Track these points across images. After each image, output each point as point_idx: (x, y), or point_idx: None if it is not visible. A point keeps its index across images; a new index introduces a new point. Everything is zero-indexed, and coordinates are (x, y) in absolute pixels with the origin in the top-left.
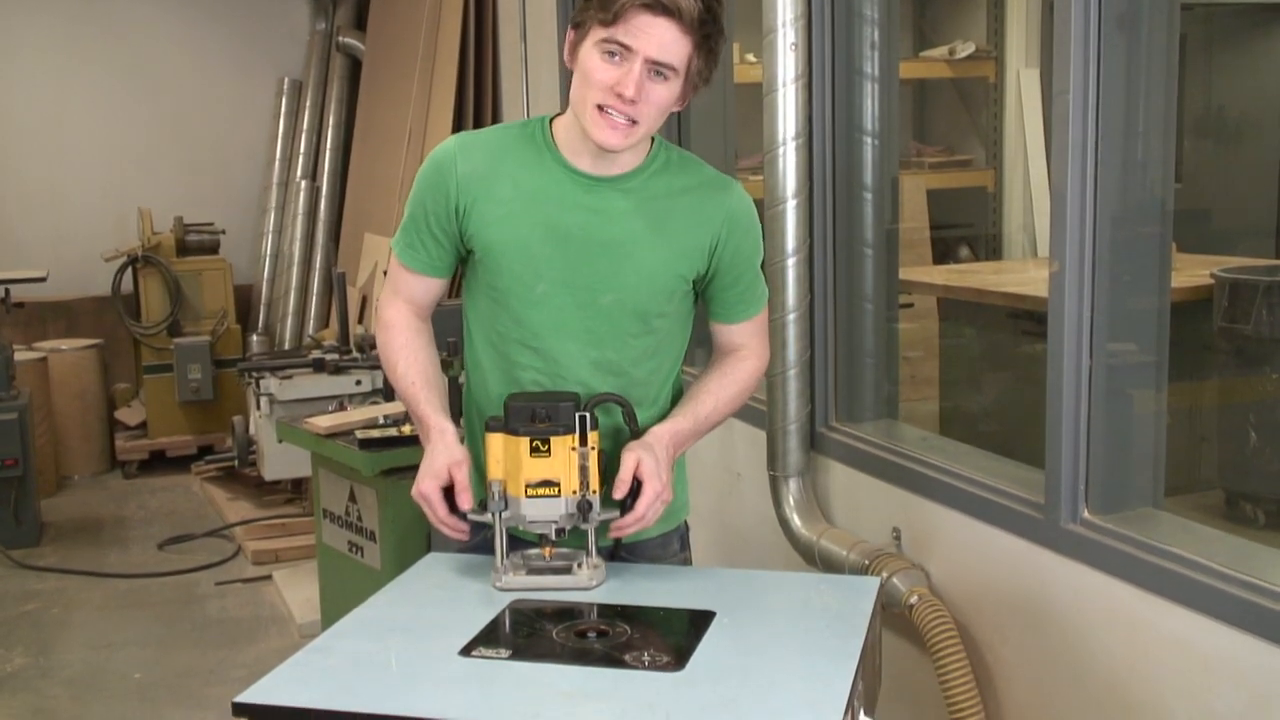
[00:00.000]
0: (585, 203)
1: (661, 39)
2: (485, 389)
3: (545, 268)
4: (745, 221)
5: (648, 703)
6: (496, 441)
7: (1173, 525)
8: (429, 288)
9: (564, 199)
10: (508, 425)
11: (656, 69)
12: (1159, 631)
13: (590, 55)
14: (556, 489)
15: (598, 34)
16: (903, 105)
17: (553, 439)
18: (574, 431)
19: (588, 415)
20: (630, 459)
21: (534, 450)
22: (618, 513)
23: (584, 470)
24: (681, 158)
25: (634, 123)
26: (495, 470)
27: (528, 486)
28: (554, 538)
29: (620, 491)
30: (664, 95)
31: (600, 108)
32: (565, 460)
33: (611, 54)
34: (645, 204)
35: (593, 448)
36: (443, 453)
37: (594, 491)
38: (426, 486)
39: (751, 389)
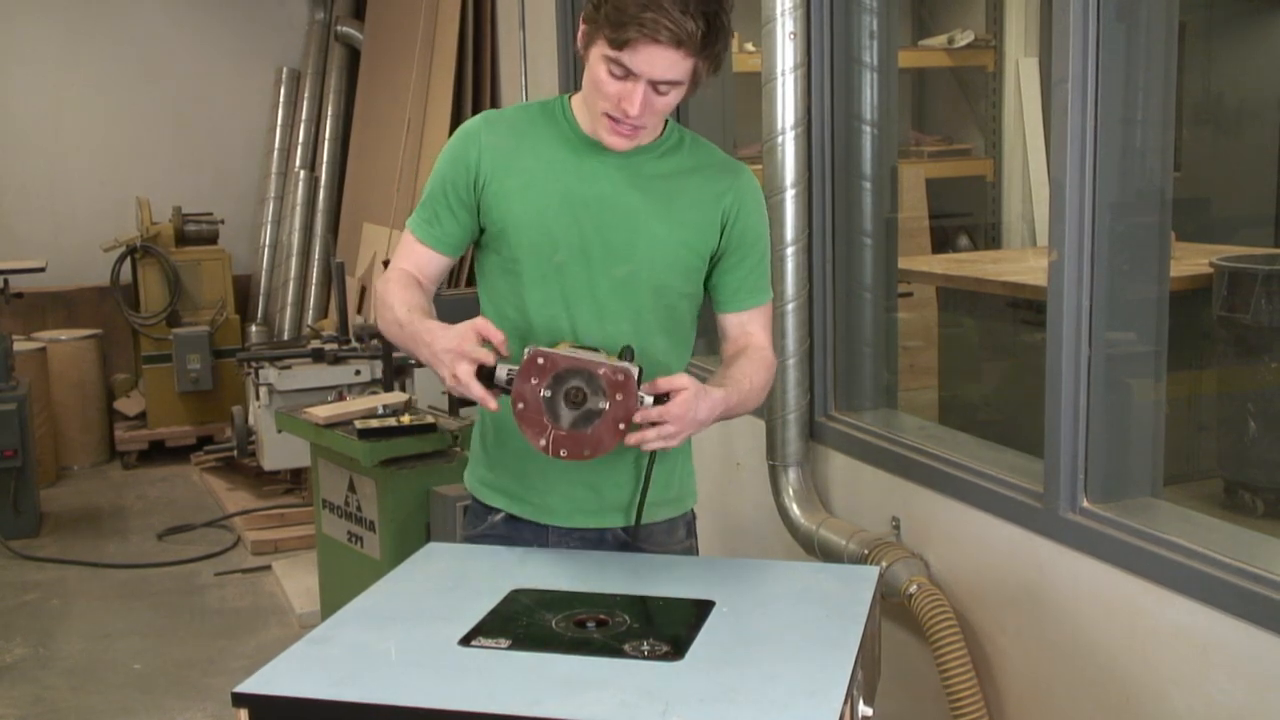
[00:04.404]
0: (602, 173)
1: (665, 63)
2: None
3: (562, 236)
4: (753, 203)
5: (647, 692)
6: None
7: (1172, 514)
8: (436, 264)
9: (581, 169)
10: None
11: (660, 85)
12: (1158, 620)
13: (597, 64)
14: (599, 353)
15: (604, 48)
16: (902, 94)
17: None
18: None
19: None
20: (683, 377)
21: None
22: (651, 400)
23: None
24: (694, 140)
25: (638, 128)
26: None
27: (570, 345)
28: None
29: (651, 390)
30: (668, 103)
31: (607, 114)
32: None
33: (615, 74)
34: (659, 178)
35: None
36: (447, 333)
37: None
38: (462, 371)
39: (769, 384)
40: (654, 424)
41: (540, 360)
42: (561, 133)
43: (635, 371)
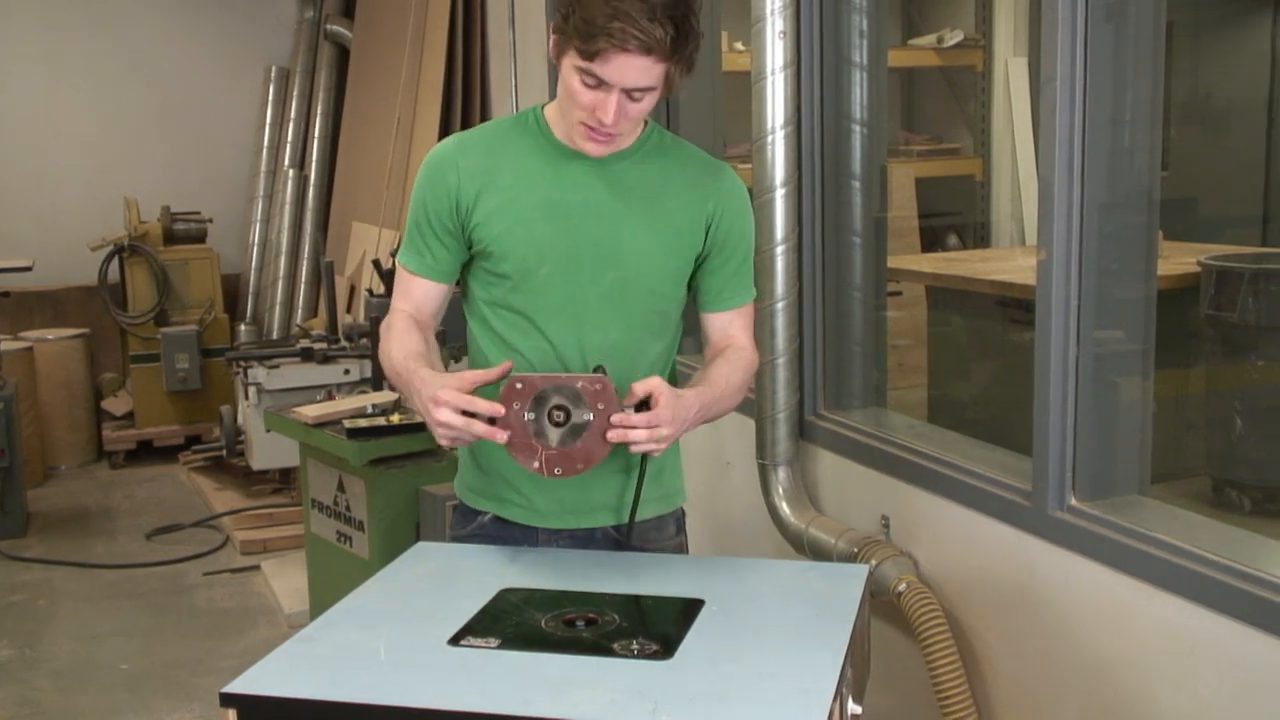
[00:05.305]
0: (582, 181)
1: (636, 71)
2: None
3: (548, 248)
4: (737, 204)
5: (636, 691)
6: None
7: (1159, 512)
8: (434, 295)
9: (561, 179)
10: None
11: (634, 93)
12: (1146, 618)
13: (570, 75)
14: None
15: (575, 59)
16: (891, 93)
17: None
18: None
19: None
20: (656, 380)
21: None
22: (633, 410)
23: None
24: (675, 141)
25: (615, 134)
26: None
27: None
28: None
29: (629, 400)
30: (643, 108)
31: (583, 123)
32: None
33: (588, 83)
34: (640, 183)
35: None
36: (433, 382)
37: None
38: (444, 415)
39: (749, 383)
40: (644, 428)
41: (519, 385)
42: (538, 144)
43: (610, 380)
